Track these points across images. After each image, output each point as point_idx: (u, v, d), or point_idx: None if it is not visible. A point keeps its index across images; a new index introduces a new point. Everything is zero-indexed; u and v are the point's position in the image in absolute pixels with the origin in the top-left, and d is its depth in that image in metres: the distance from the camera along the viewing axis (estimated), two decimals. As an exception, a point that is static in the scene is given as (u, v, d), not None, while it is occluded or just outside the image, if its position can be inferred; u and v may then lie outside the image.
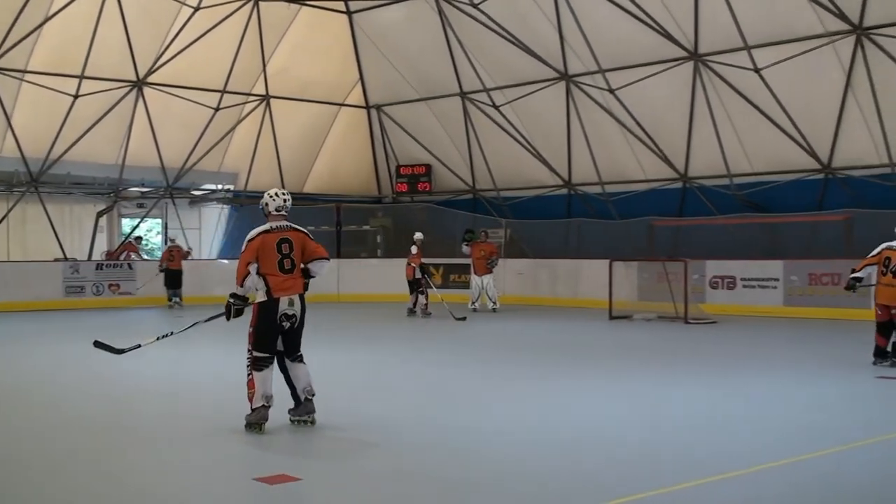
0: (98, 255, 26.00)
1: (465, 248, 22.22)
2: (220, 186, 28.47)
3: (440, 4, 24.71)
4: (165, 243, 25.76)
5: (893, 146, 19.87)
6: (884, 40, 19.01)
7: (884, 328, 12.22)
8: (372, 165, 30.11)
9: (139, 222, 27.44)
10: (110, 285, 24.02)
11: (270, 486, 6.36)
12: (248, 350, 8.11)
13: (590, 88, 23.76)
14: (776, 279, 20.49)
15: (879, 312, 12.25)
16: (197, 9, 23.92)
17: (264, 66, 26.44)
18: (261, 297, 8.10)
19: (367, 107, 29.15)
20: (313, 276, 8.36)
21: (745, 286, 20.91)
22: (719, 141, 22.17)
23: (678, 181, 23.73)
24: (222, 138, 26.77)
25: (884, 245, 12.50)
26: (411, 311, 20.82)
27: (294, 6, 25.80)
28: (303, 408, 8.23)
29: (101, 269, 24.24)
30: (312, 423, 8.22)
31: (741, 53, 20.62)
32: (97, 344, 9.06)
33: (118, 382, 11.13)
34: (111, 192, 26.25)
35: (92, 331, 17.98)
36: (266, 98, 27.04)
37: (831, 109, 20.42)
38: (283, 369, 8.27)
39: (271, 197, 8.34)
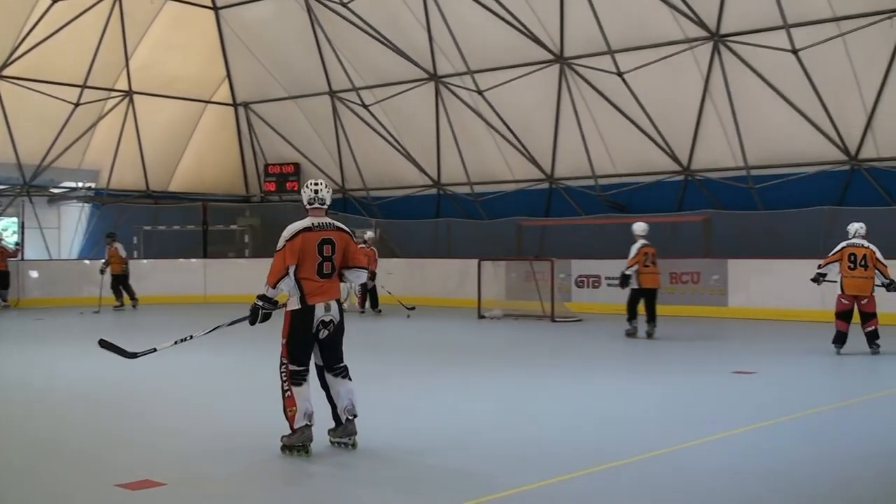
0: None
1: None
2: (80, 184, 27.57)
3: (309, 2, 24.53)
4: (21, 244, 24.79)
5: (748, 150, 20.66)
6: (739, 47, 19.74)
7: (845, 315, 13.43)
8: (239, 164, 29.68)
9: (-6, 221, 26.37)
10: (-38, 287, 23.01)
11: (133, 492, 6.22)
12: (283, 363, 7.24)
13: (458, 89, 23.96)
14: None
15: (845, 302, 13.40)
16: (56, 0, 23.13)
17: (127, 61, 25.74)
18: (294, 304, 7.22)
19: (235, 104, 28.71)
20: (344, 283, 7.58)
21: (609, 285, 21.37)
22: (584, 143, 22.65)
23: (545, 182, 24.15)
24: (83, 134, 25.95)
25: (844, 244, 13.70)
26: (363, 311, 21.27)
27: (158, 0, 25.19)
28: (342, 429, 7.36)
29: (-48, 269, 23.18)
30: (353, 446, 7.35)
31: (605, 57, 21.11)
32: (104, 344, 7.81)
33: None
34: (-37, 189, 25.19)
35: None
36: (129, 94, 26.34)
37: (690, 113, 21.11)
38: (324, 385, 7.43)
39: (303, 189, 7.46)
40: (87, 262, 25.47)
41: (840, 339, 13.43)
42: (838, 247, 13.76)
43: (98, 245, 26.61)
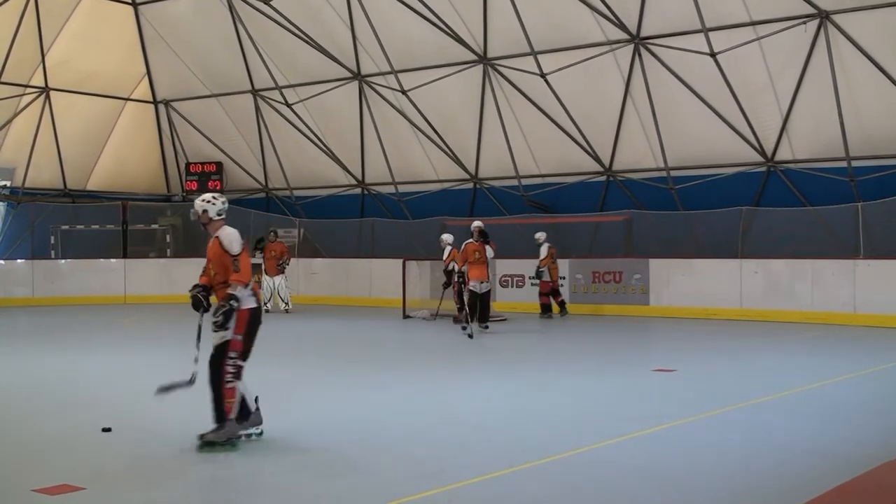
0: None
1: (258, 255, 21.93)
2: (-6, 182, 26.88)
3: (230, 0, 24.23)
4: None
5: (668, 151, 20.97)
6: (659, 50, 20.04)
7: (551, 293, 20.07)
8: (160, 162, 29.21)
9: None
10: None
11: (51, 496, 6.10)
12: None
13: (382, 89, 23.91)
14: (562, 277, 21.22)
15: (551, 284, 20.00)
16: (-32, -6, 22.50)
17: (43, 56, 25.15)
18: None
19: (155, 102, 28.25)
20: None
21: (533, 284, 21.56)
22: (508, 143, 22.77)
23: (469, 182, 24.24)
24: (-3, 131, 25.30)
25: (547, 246, 19.89)
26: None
27: (76, -6, 24.65)
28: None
29: None
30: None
31: (528, 58, 21.24)
32: None
33: None
34: None
35: None
36: (45, 90, 25.75)
37: (612, 115, 21.35)
38: None
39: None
40: (1, 262, 24.90)
41: (549, 310, 19.85)
42: (545, 250, 19.76)
43: (12, 244, 26.02)
